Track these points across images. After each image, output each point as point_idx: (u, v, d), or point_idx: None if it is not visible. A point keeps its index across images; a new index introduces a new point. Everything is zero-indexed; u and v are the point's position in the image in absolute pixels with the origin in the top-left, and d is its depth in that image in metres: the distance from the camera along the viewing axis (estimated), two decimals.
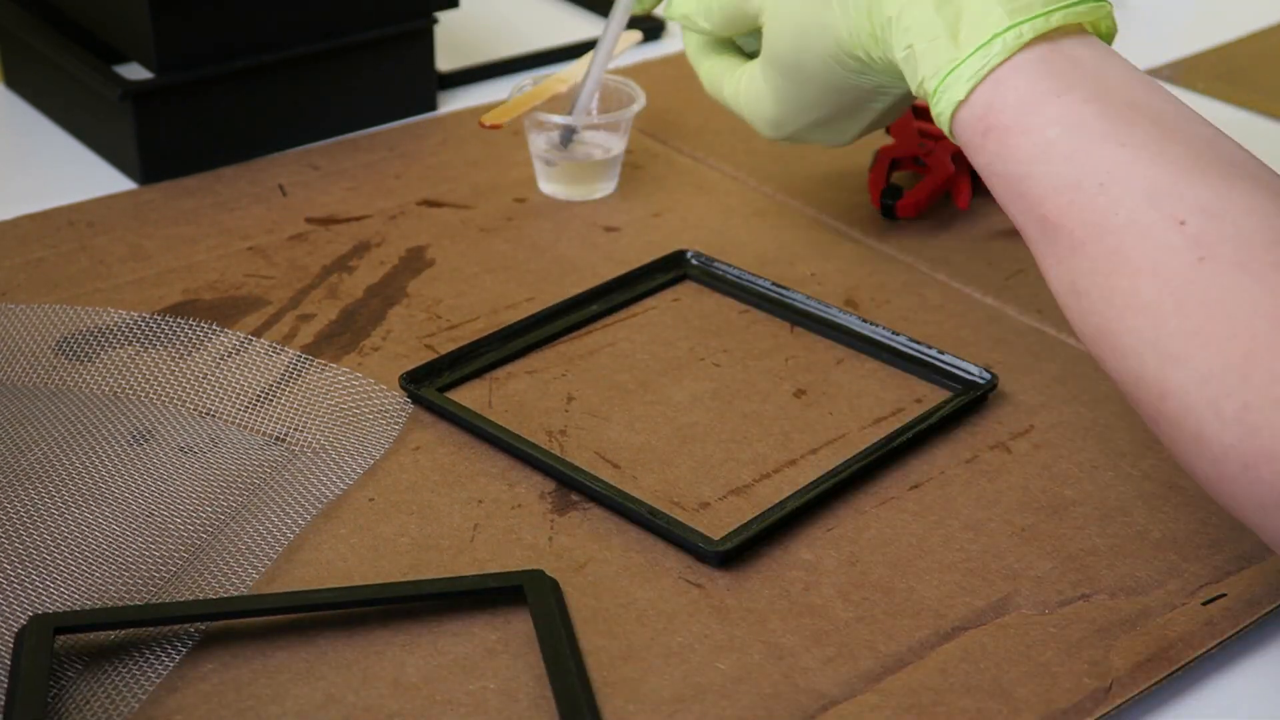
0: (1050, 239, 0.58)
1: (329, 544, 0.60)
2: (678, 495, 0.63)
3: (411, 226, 0.82)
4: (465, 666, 0.55)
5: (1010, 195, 0.60)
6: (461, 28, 1.07)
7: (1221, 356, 0.52)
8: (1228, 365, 0.52)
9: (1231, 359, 0.52)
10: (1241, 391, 0.52)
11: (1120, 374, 0.56)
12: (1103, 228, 0.56)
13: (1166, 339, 0.54)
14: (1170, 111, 0.58)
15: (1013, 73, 0.59)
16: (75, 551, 0.59)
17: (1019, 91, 0.59)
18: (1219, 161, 0.56)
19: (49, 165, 0.89)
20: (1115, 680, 0.55)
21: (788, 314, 0.75)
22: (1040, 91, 0.59)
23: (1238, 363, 0.52)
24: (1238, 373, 0.52)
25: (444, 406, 0.67)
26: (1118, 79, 0.59)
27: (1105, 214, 0.56)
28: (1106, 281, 0.56)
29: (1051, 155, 0.58)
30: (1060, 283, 0.58)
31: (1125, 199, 0.56)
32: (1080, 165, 0.57)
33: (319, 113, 0.91)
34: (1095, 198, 0.57)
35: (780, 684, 0.54)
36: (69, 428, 0.65)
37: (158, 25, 0.83)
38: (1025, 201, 0.59)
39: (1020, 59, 0.59)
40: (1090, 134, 0.57)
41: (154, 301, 0.75)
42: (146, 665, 0.54)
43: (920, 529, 0.62)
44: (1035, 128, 0.58)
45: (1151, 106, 0.58)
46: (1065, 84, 0.58)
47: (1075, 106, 0.58)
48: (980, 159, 0.61)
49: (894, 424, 0.67)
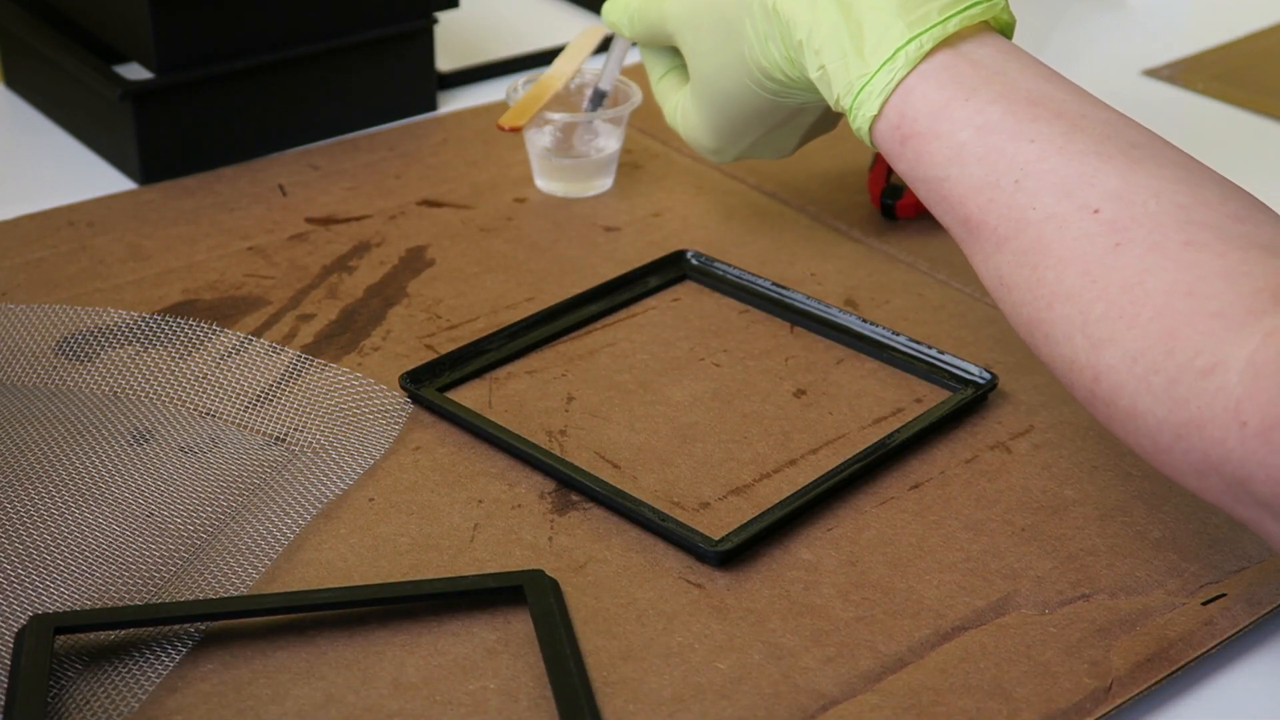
0: (975, 237, 0.61)
1: (329, 544, 0.60)
2: (678, 495, 0.63)
3: (411, 226, 0.82)
4: (465, 666, 0.55)
5: (933, 198, 0.62)
6: (461, 28, 1.06)
7: (1145, 336, 0.54)
8: (1152, 343, 0.54)
9: (1154, 337, 0.54)
10: (1167, 366, 0.53)
11: (1054, 361, 0.58)
12: (1022, 222, 0.59)
13: (1093, 324, 0.56)
14: (1072, 102, 0.60)
15: (920, 82, 0.62)
16: (75, 551, 0.59)
17: (928, 100, 0.61)
18: (1124, 146, 0.58)
19: (49, 165, 0.89)
20: (1115, 680, 0.55)
21: (788, 314, 0.75)
22: (947, 98, 0.61)
23: (1161, 340, 0.54)
24: (1162, 349, 0.54)
25: (444, 406, 0.67)
26: (1019, 75, 0.61)
27: (1023, 209, 0.59)
28: (1032, 274, 0.58)
29: (965, 158, 0.60)
30: (989, 278, 0.61)
31: (1040, 193, 0.58)
32: (994, 165, 0.60)
33: (319, 113, 0.91)
34: (1012, 195, 0.59)
35: (780, 684, 0.54)
36: (69, 428, 0.65)
37: (158, 25, 0.83)
38: (947, 203, 0.61)
39: (925, 68, 0.62)
40: (1000, 133, 0.60)
41: (154, 301, 0.75)
42: (146, 665, 0.54)
43: (920, 529, 0.62)
44: (947, 133, 0.61)
45: (1054, 99, 0.60)
46: (969, 88, 0.61)
47: (982, 108, 0.60)
48: (901, 166, 0.63)
49: (894, 424, 0.67)
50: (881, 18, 0.62)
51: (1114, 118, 0.60)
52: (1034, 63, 0.62)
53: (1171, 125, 0.98)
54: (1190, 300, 0.53)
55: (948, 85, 0.61)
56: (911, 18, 0.62)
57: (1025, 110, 0.60)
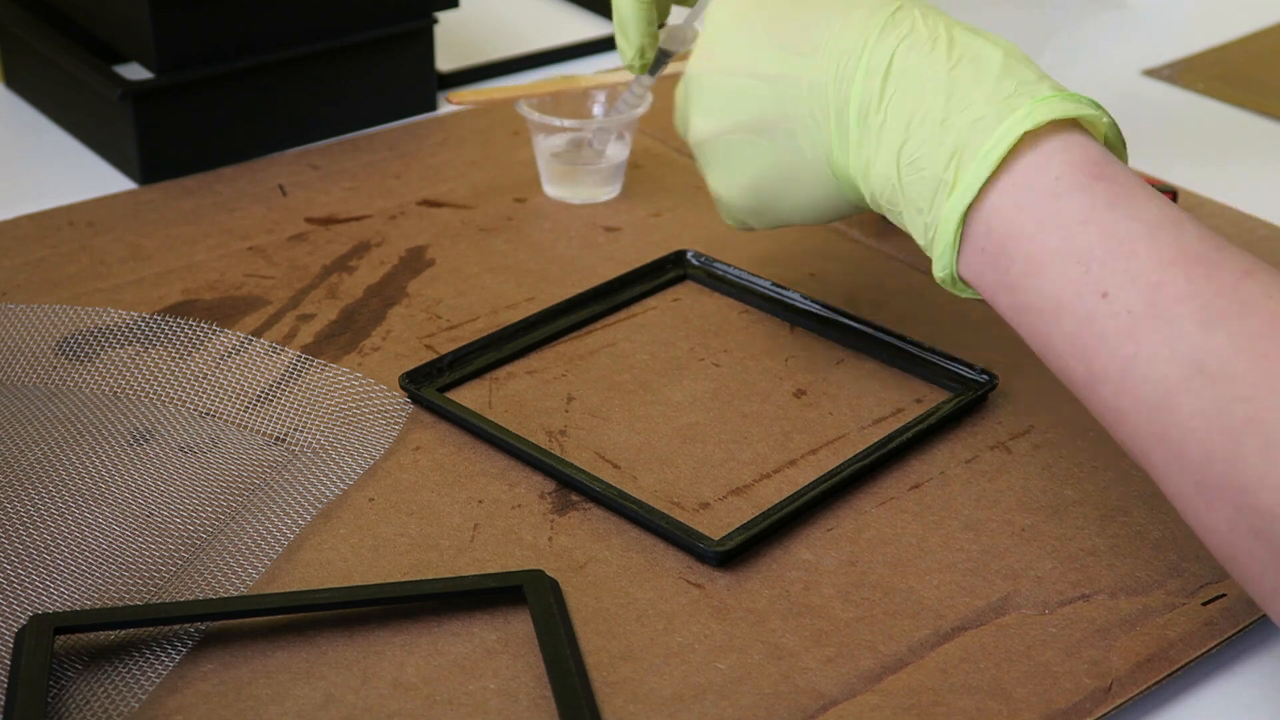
0: (1164, 312, 0.51)
1: (329, 544, 0.60)
2: (678, 495, 0.63)
3: (411, 226, 0.82)
4: (465, 666, 0.55)
5: (1115, 253, 0.53)
6: (461, 28, 1.07)
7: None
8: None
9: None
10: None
11: (1272, 476, 0.48)
12: (1249, 304, 0.51)
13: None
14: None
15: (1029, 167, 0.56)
16: (75, 551, 0.59)
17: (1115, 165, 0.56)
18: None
19: (49, 165, 0.89)
20: (1115, 680, 0.55)
21: (788, 314, 0.75)
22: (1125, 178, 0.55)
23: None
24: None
25: (444, 406, 0.67)
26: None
27: (1252, 296, 0.51)
28: (1261, 363, 0.49)
29: (1183, 228, 0.53)
30: (1180, 364, 0.50)
31: (1276, 285, 0.51)
32: (1219, 248, 0.53)
33: (319, 113, 0.91)
34: (1240, 281, 0.51)
35: (780, 684, 0.54)
36: (69, 428, 0.65)
37: (158, 25, 0.83)
38: (1132, 274, 0.52)
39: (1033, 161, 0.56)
40: (1224, 240, 0.54)
41: (154, 301, 0.75)
42: (146, 665, 0.54)
43: (920, 529, 0.62)
44: (1158, 200, 0.55)
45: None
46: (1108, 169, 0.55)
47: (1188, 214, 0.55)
48: (1081, 199, 0.55)
49: (894, 424, 0.67)
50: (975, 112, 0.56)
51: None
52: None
53: (1171, 125, 0.98)
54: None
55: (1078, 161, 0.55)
56: (1002, 106, 0.56)
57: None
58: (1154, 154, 0.91)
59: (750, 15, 0.63)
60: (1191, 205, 0.85)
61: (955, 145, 0.56)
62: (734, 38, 0.63)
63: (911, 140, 0.57)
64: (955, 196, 0.56)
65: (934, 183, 0.57)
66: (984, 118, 0.56)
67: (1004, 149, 0.55)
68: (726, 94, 0.63)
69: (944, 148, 0.56)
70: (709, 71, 0.64)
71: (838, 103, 0.59)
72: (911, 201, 0.58)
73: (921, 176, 0.57)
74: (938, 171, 0.56)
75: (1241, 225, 0.84)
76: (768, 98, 0.62)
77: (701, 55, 0.65)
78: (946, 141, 0.56)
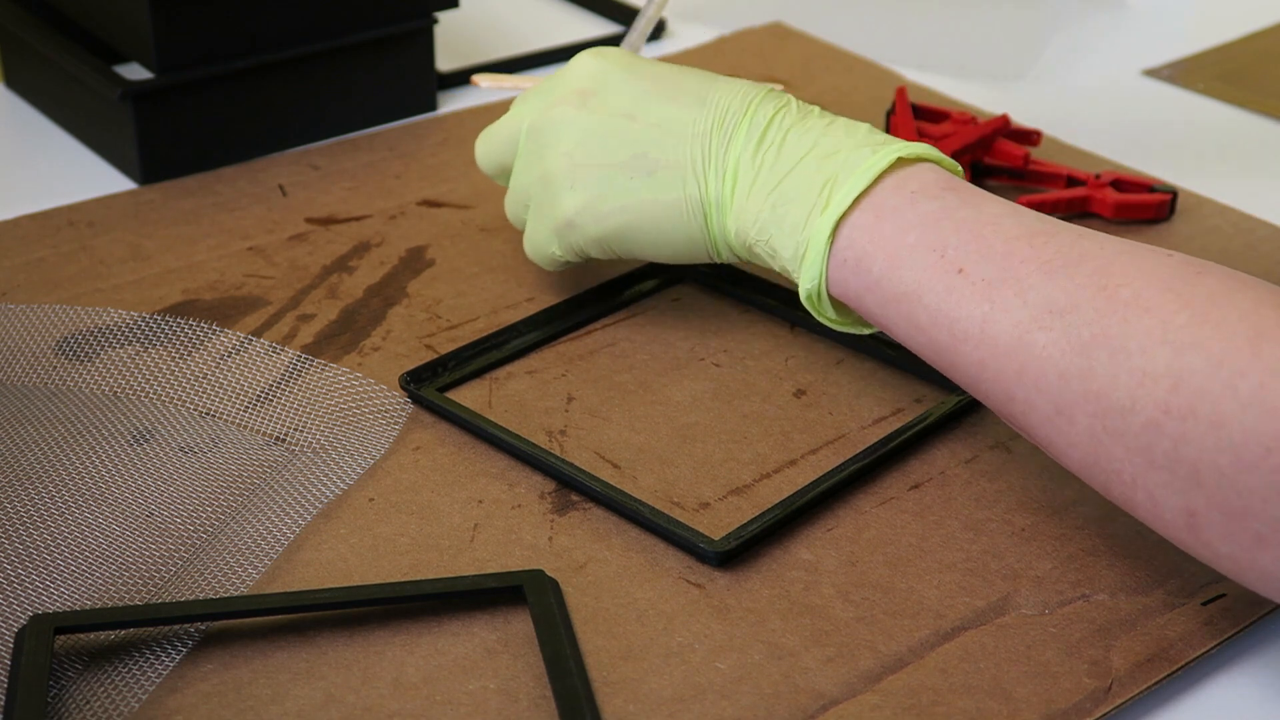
0: (1015, 272, 0.58)
1: (329, 544, 0.60)
2: (678, 495, 0.63)
3: (411, 226, 0.82)
4: (465, 666, 0.55)
5: (964, 236, 0.60)
6: (461, 28, 1.06)
7: (1231, 339, 0.52)
8: (1238, 346, 0.52)
9: (1240, 341, 0.52)
10: (1255, 369, 0.52)
11: (1117, 378, 0.55)
12: (1087, 255, 0.58)
13: (1176, 331, 0.54)
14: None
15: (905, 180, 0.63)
16: (75, 551, 0.59)
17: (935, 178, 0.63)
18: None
19: (49, 165, 0.89)
20: (1115, 680, 0.55)
21: (787, 314, 0.75)
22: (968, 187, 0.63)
23: (1247, 343, 0.52)
24: (1249, 351, 0.52)
25: (444, 406, 0.67)
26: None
27: (1086, 250, 0.58)
28: (1101, 294, 0.56)
29: (1018, 210, 0.61)
30: (1034, 309, 0.57)
31: (1106, 243, 0.58)
32: (1047, 222, 0.60)
33: (319, 113, 0.91)
34: (1075, 240, 0.59)
35: (780, 684, 0.54)
36: (69, 428, 0.65)
37: (158, 25, 0.83)
38: (983, 241, 0.60)
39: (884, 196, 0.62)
40: (1044, 219, 0.61)
41: (154, 301, 0.75)
42: (146, 665, 0.54)
43: (920, 529, 0.62)
44: (983, 199, 0.62)
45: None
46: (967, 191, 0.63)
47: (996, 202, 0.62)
48: (927, 208, 0.62)
49: (894, 423, 0.67)
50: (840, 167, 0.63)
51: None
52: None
53: (1171, 125, 0.98)
54: (1276, 312, 0.52)
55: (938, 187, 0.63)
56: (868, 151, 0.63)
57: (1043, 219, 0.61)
58: (1154, 154, 0.91)
59: (631, 72, 0.69)
60: (1191, 205, 0.85)
61: (829, 175, 0.63)
62: (617, 87, 0.69)
63: (789, 179, 0.64)
64: (828, 213, 0.62)
65: (806, 207, 0.63)
66: (857, 154, 0.63)
67: (878, 170, 0.62)
68: (608, 131, 0.68)
69: (818, 179, 0.63)
70: (589, 111, 0.69)
71: (719, 149, 0.66)
72: (782, 227, 0.64)
73: (793, 207, 0.63)
74: (811, 198, 0.63)
75: (1241, 225, 0.84)
76: (650, 139, 0.67)
77: (568, 99, 0.69)
78: (820, 175, 0.63)
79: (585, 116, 0.69)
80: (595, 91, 0.69)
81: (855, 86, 0.98)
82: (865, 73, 1.00)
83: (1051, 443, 0.58)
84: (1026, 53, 1.05)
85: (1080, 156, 0.90)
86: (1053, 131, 0.92)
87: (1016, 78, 1.02)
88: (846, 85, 0.99)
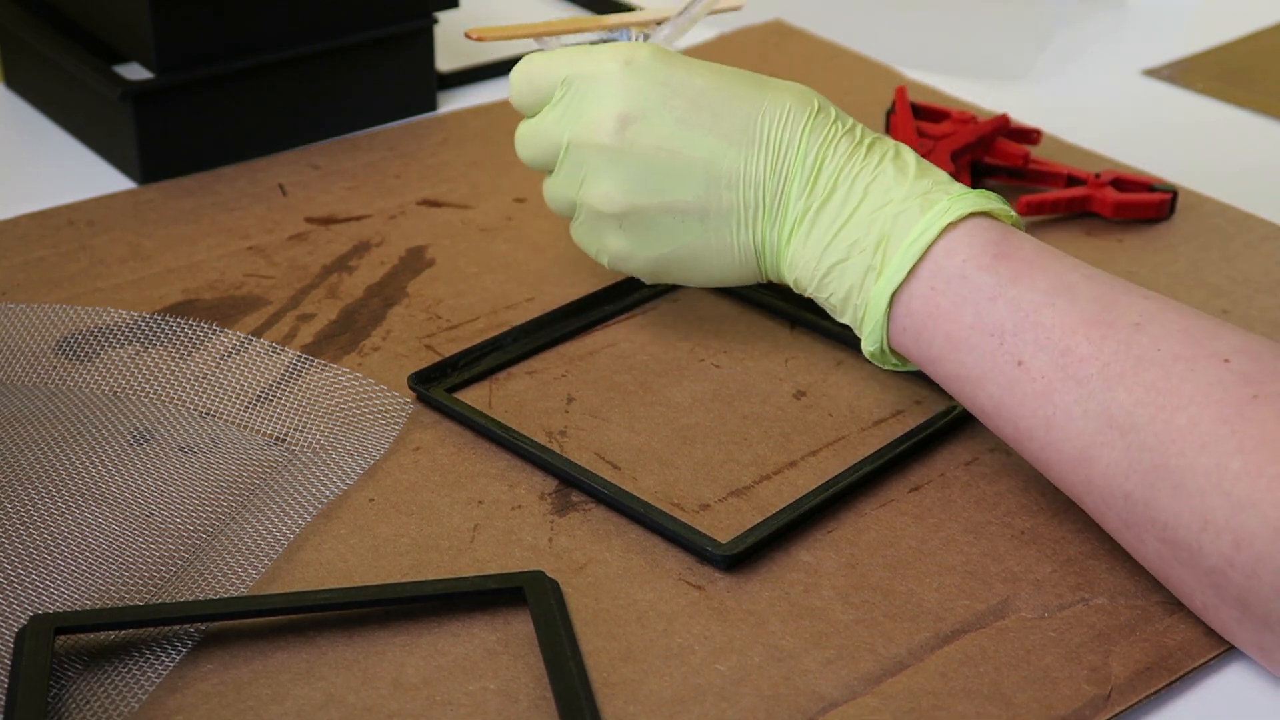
0: (1075, 372, 0.57)
1: (329, 544, 0.60)
2: (677, 496, 0.63)
3: (411, 226, 0.82)
4: (465, 667, 0.55)
5: (1020, 324, 0.59)
6: (462, 28, 1.06)
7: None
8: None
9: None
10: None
11: (1185, 514, 0.54)
12: (1145, 360, 0.56)
13: (1232, 481, 0.53)
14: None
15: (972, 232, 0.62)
16: (75, 551, 0.59)
17: (1019, 240, 0.62)
18: (1216, 316, 0.58)
19: (49, 165, 0.89)
20: (1115, 688, 0.55)
21: (788, 315, 0.75)
22: (1036, 247, 0.61)
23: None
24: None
25: (453, 408, 0.67)
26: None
27: (1145, 348, 0.56)
28: (1158, 415, 0.55)
29: (1076, 292, 0.59)
30: (1090, 421, 0.57)
31: (1164, 337, 0.56)
32: (1109, 305, 0.58)
33: (319, 113, 0.91)
34: (1131, 334, 0.57)
35: (780, 686, 0.54)
36: (69, 427, 0.65)
37: (158, 25, 0.83)
38: (1042, 330, 0.58)
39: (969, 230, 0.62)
40: (1106, 284, 0.59)
41: (154, 301, 0.75)
42: (147, 665, 0.54)
43: (920, 532, 0.62)
44: (1052, 266, 0.60)
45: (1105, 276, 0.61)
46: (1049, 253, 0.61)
47: (1073, 266, 0.61)
48: (983, 279, 0.60)
49: (894, 425, 0.67)
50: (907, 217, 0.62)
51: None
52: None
53: (1171, 125, 0.98)
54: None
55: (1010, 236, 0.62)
56: (925, 203, 0.62)
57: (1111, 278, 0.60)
58: (1154, 154, 0.91)
59: (668, 87, 0.66)
60: (1191, 205, 0.85)
61: (881, 234, 0.62)
62: (656, 112, 0.66)
63: (843, 234, 0.63)
64: (883, 280, 0.62)
65: (862, 269, 0.63)
66: (907, 210, 0.62)
67: (930, 238, 0.61)
68: (651, 171, 0.66)
69: (870, 237, 0.62)
70: (635, 144, 0.66)
71: (771, 200, 0.65)
72: (840, 287, 0.64)
73: (849, 264, 0.63)
74: (866, 259, 0.62)
75: (1241, 225, 0.84)
76: (697, 180, 0.65)
77: (604, 126, 0.66)
78: (873, 231, 0.62)
79: (625, 153, 0.66)
80: (633, 119, 0.66)
81: (855, 85, 0.98)
82: (865, 71, 1.00)
83: (1127, 550, 0.59)
84: (1026, 52, 1.05)
85: (1080, 156, 0.90)
86: (1053, 131, 0.92)
87: (1016, 77, 1.02)
88: (846, 84, 0.99)
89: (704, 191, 0.65)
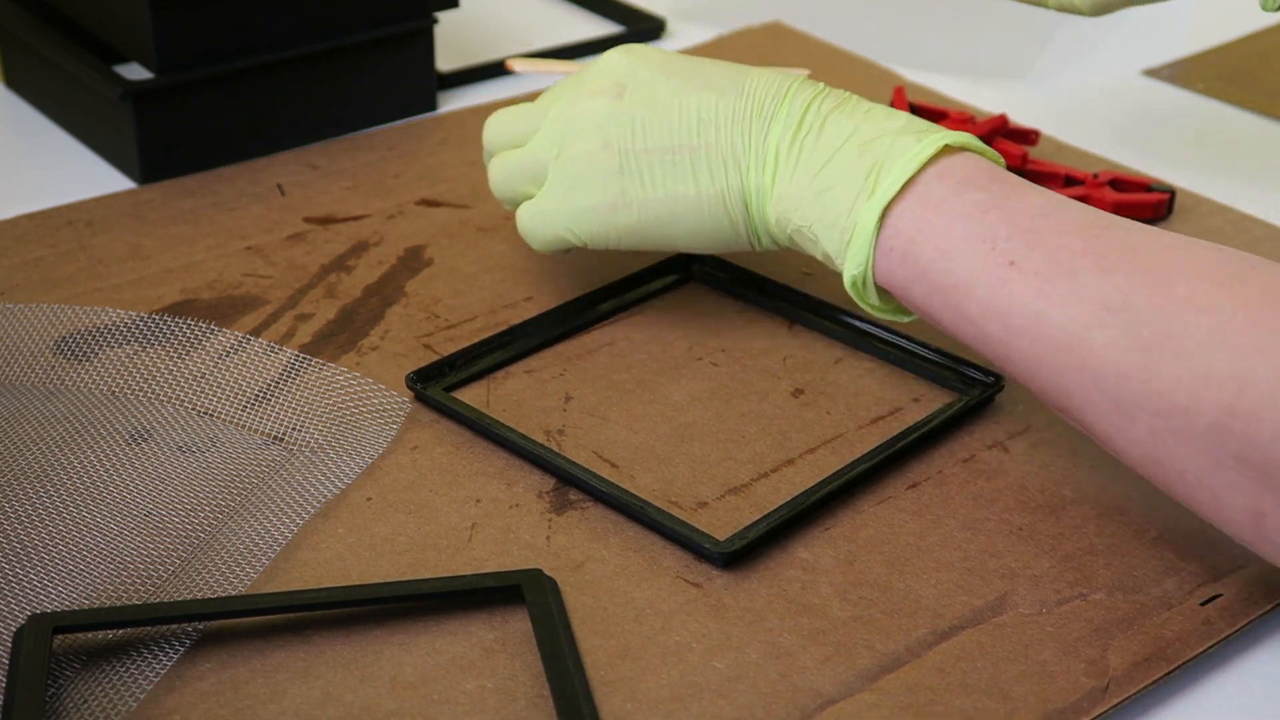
0: (1071, 268, 0.58)
1: (327, 543, 0.60)
2: (675, 494, 0.63)
3: (410, 226, 0.82)
4: (463, 666, 0.55)
5: (1020, 230, 0.60)
6: (461, 28, 1.07)
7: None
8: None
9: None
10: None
11: (1185, 375, 0.54)
12: (1139, 249, 0.57)
13: (1236, 332, 0.53)
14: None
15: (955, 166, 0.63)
16: (74, 551, 0.59)
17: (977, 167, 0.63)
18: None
19: (49, 165, 0.89)
20: (1112, 680, 0.55)
21: (786, 313, 0.75)
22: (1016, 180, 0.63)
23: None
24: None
25: (451, 407, 0.67)
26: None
27: (1139, 244, 0.58)
28: (1155, 292, 0.56)
29: (1065, 205, 0.61)
30: (1085, 309, 0.57)
31: (1159, 236, 0.58)
32: (1104, 217, 0.60)
33: (319, 113, 0.91)
34: (1124, 234, 0.58)
35: (778, 683, 0.54)
36: (67, 427, 0.66)
37: (158, 25, 0.83)
38: (1038, 236, 0.59)
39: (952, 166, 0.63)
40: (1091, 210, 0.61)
41: (152, 301, 0.75)
42: (144, 665, 0.54)
43: (918, 528, 0.62)
44: (1035, 189, 0.62)
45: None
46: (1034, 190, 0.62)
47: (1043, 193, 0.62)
48: (975, 197, 0.62)
49: (892, 423, 0.67)
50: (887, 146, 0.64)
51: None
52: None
53: (1171, 125, 0.98)
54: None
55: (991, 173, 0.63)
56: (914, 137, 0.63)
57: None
58: (1154, 154, 0.91)
59: (663, 66, 0.70)
60: (1191, 205, 0.85)
61: (874, 161, 0.63)
62: (650, 79, 0.69)
63: (830, 165, 0.64)
64: (874, 199, 0.62)
65: (852, 194, 0.63)
66: (901, 141, 0.63)
67: (924, 158, 0.62)
68: (645, 119, 0.68)
69: (862, 166, 0.63)
70: (624, 100, 0.69)
71: (758, 136, 0.66)
72: (826, 213, 0.64)
73: (837, 194, 0.63)
74: (856, 185, 0.63)
75: (1241, 225, 0.84)
76: (687, 128, 0.68)
77: (603, 90, 0.70)
78: (864, 161, 0.63)
79: (620, 106, 0.69)
80: (629, 84, 0.69)
81: (854, 86, 0.98)
82: (864, 72, 1.00)
83: (1110, 439, 0.58)
84: (1025, 53, 1.05)
85: (1078, 156, 0.90)
86: (1053, 131, 0.92)
87: (1016, 78, 1.02)
88: (845, 85, 0.98)
89: (692, 137, 0.67)
